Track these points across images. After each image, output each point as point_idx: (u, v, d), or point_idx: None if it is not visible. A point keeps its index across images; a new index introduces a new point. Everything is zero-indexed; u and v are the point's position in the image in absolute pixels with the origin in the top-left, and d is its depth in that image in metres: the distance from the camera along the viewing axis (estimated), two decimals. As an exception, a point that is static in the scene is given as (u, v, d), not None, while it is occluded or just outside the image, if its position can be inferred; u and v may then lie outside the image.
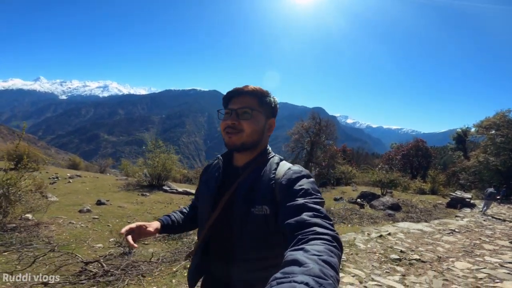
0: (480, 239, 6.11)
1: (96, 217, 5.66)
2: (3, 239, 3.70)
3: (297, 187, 0.88)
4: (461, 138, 28.47)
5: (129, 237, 0.99)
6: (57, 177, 10.90)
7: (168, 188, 10.12)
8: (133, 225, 1.03)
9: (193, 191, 9.73)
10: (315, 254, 0.59)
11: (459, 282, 3.58)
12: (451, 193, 13.80)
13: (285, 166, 1.00)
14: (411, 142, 29.16)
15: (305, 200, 0.82)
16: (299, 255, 0.59)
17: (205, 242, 1.06)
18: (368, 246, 5.01)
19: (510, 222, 8.86)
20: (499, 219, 9.40)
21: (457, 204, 11.92)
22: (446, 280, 3.63)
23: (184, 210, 1.28)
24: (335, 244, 0.66)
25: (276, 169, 0.99)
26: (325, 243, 0.64)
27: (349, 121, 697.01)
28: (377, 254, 4.55)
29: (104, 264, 2.93)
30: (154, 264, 3.30)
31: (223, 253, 1.00)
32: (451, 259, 4.52)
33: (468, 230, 7.02)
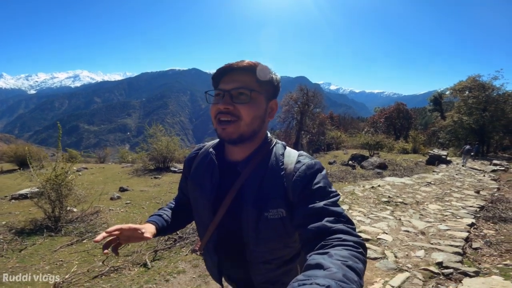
0: (450, 189, 7.34)
1: (128, 201, 6.37)
2: (68, 230, 4.40)
3: (313, 186, 0.79)
4: (437, 100, 30.48)
5: (109, 245, 0.84)
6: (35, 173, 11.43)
7: (176, 169, 10.78)
8: (124, 226, 0.85)
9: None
10: (339, 259, 0.57)
11: (430, 216, 4.78)
12: (430, 151, 15.31)
13: (291, 156, 0.88)
14: (392, 105, 30.80)
15: (325, 202, 0.75)
16: (322, 259, 0.58)
17: (213, 243, 0.95)
18: (364, 194, 6.35)
19: (479, 175, 10.22)
20: (476, 169, 10.83)
21: (435, 161, 13.38)
22: (422, 215, 4.86)
23: (173, 206, 1.12)
24: (360, 250, 0.64)
25: (283, 161, 0.87)
26: (350, 249, 0.62)
27: (332, 87, 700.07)
28: (372, 199, 5.89)
29: (178, 232, 3.73)
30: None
31: (237, 256, 0.92)
32: (426, 203, 5.75)
33: (441, 182, 8.31)
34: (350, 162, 12.80)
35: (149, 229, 0.91)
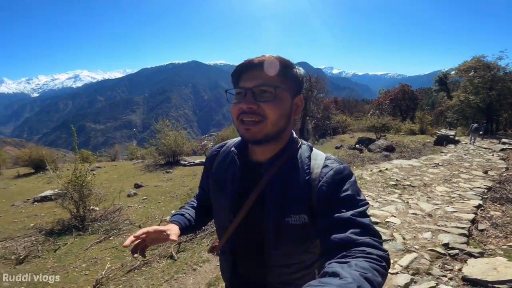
0: (458, 170, 7.42)
1: (144, 197, 6.65)
2: (94, 228, 4.66)
3: (341, 193, 0.76)
4: (443, 81, 30.13)
5: (137, 249, 0.87)
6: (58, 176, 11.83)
7: (186, 162, 11.03)
8: (150, 228, 0.87)
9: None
10: (358, 270, 0.55)
11: (438, 199, 4.90)
12: (437, 132, 15.24)
13: (318, 159, 0.84)
14: (397, 87, 30.39)
15: (352, 213, 0.71)
16: (340, 268, 0.56)
17: (231, 244, 0.94)
18: (372, 178, 6.48)
19: (487, 155, 10.23)
20: (484, 148, 10.83)
21: (442, 141, 13.36)
22: (429, 197, 4.99)
23: (194, 204, 1.13)
24: (383, 264, 0.61)
25: (309, 164, 0.83)
26: (372, 262, 0.60)
27: (334, 71, 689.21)
28: (379, 183, 6.03)
29: None
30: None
31: (255, 258, 0.90)
32: (433, 185, 5.86)
33: (449, 163, 8.37)
34: (357, 145, 12.90)
35: (173, 231, 0.92)
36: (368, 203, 0.78)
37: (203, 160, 8.66)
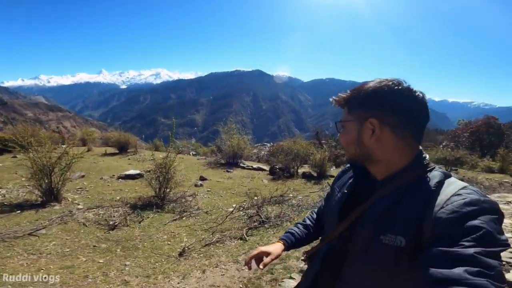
0: None
1: (208, 189, 7.49)
2: (169, 208, 5.50)
3: (467, 226, 0.61)
4: None
5: (256, 264, 1.04)
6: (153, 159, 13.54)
7: (244, 165, 11.72)
8: (255, 252, 1.05)
9: (265, 168, 11.31)
10: None
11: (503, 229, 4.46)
12: (517, 171, 13.13)
13: (451, 187, 0.72)
14: (481, 118, 26.62)
15: (477, 250, 0.57)
16: None
17: (324, 250, 0.95)
18: None
19: None
20: None
21: (524, 181, 11.47)
22: None
23: (309, 222, 1.19)
24: None
25: (435, 190, 0.73)
26: None
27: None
28: None
29: (261, 216, 4.54)
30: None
31: (335, 269, 0.88)
32: None
33: (526, 203, 7.26)
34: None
35: (276, 251, 1.06)
36: (509, 245, 0.62)
37: (261, 166, 9.20)
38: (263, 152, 16.76)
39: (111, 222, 4.47)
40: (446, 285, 0.54)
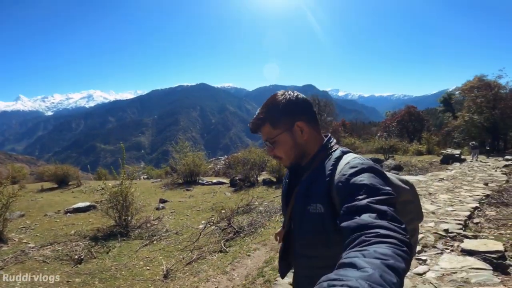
0: (461, 183, 7.90)
1: (172, 211, 7.23)
2: (135, 235, 5.24)
3: (355, 183, 0.78)
4: (447, 101, 30.79)
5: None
6: (104, 188, 12.44)
7: (204, 182, 11.60)
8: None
9: (225, 181, 11.39)
10: (378, 257, 0.52)
11: (440, 203, 5.50)
12: (443, 151, 15.75)
13: (345, 160, 0.91)
14: (403, 109, 31.19)
15: (369, 200, 0.71)
16: (357, 257, 0.53)
17: (285, 232, 1.11)
18: None
19: (490, 170, 10.71)
20: (489, 165, 11.31)
21: (448, 160, 13.87)
22: (433, 202, 5.60)
23: None
24: (404, 248, 0.57)
25: (334, 164, 0.92)
26: (392, 247, 0.56)
27: (340, 93, 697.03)
28: None
29: (234, 227, 4.59)
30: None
31: (291, 248, 1.06)
32: (437, 194, 6.42)
33: (453, 178, 8.87)
34: (366, 167, 13.37)
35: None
36: (393, 195, 0.76)
37: (221, 179, 9.27)
38: (219, 166, 16.68)
39: (75, 256, 4.13)
40: (361, 229, 0.65)
